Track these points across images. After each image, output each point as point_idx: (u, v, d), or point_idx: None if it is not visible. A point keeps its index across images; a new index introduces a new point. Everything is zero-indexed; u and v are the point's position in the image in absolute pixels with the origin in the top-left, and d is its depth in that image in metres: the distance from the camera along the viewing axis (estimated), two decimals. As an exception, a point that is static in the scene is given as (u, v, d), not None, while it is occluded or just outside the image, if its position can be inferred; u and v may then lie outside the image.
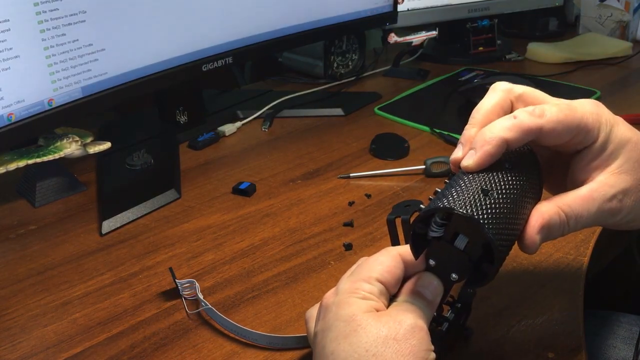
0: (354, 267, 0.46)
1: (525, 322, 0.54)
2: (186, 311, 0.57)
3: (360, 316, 0.39)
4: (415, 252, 0.42)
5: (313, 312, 0.46)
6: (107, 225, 0.71)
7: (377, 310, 0.41)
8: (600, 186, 0.43)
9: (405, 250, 0.43)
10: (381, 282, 0.42)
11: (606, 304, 0.79)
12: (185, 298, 0.58)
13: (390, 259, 0.43)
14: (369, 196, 0.76)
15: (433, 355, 0.39)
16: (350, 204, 0.74)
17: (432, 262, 0.43)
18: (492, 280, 0.41)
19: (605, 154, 0.44)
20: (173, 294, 0.59)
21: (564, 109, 0.43)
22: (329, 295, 0.43)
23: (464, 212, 0.39)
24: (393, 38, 1.18)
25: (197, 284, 0.57)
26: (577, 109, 0.43)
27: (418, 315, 0.40)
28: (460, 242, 0.40)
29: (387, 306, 0.42)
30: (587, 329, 0.54)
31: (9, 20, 0.64)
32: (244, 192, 0.77)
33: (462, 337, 0.52)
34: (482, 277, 0.41)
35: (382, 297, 0.42)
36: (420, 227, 0.42)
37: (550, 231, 0.42)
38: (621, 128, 0.44)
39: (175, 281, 0.57)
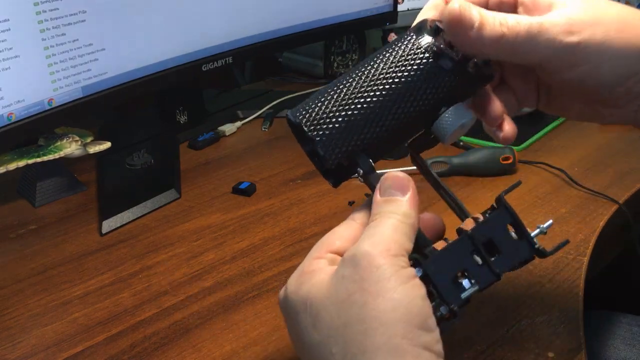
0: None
1: (525, 322, 0.54)
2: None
3: (312, 297, 0.34)
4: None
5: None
6: (107, 225, 0.71)
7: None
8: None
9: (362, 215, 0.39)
10: (333, 251, 0.37)
11: (606, 304, 0.79)
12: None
13: (342, 225, 0.38)
14: (369, 196, 0.76)
15: (402, 273, 0.33)
16: (350, 203, 0.74)
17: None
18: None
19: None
20: (173, 293, 0.59)
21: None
22: (281, 294, 0.38)
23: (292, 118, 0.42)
24: (393, 38, 1.18)
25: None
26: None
27: (369, 235, 0.34)
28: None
29: None
30: (586, 329, 0.54)
31: (9, 20, 0.64)
32: (244, 192, 0.77)
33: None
34: None
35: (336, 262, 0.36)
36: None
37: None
38: None
39: None
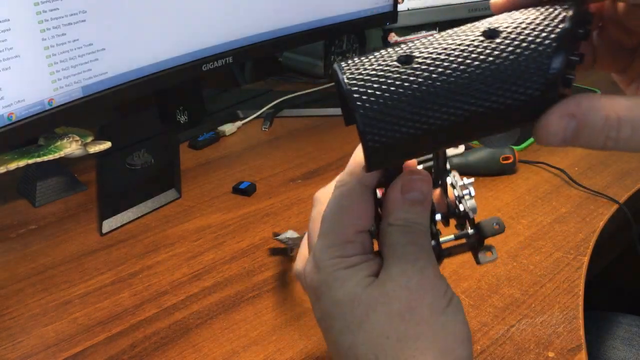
0: (314, 212, 0.39)
1: (525, 322, 0.54)
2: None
3: (363, 295, 0.34)
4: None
5: (298, 266, 0.40)
6: (108, 224, 0.71)
7: (374, 274, 0.35)
8: None
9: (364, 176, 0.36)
10: (360, 231, 0.36)
11: (606, 305, 0.79)
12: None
13: (355, 198, 0.36)
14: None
15: (450, 292, 0.35)
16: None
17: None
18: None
19: None
20: (173, 293, 0.59)
21: None
22: (310, 271, 0.37)
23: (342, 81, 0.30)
24: (393, 38, 1.18)
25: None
26: None
27: (416, 250, 0.34)
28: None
29: (374, 246, 0.37)
30: (585, 330, 0.54)
31: (9, 20, 0.64)
32: (244, 191, 0.77)
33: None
34: None
35: (367, 245, 0.36)
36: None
37: (583, 126, 0.29)
38: None
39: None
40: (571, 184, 0.76)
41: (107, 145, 0.79)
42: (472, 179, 0.39)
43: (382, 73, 0.30)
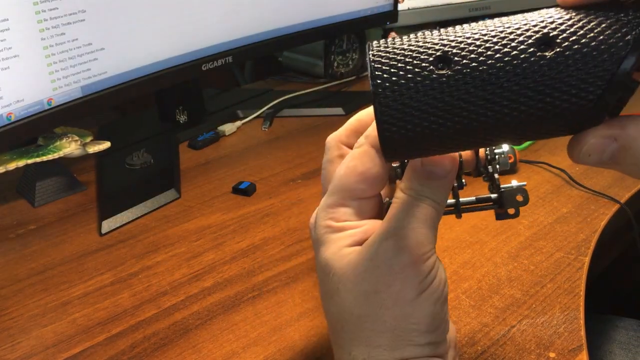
0: (324, 160, 0.40)
1: (526, 322, 0.54)
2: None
3: (336, 268, 0.34)
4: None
5: (312, 216, 0.40)
6: (107, 225, 0.70)
7: (361, 243, 0.35)
8: None
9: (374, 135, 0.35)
10: (359, 198, 0.35)
11: (605, 307, 0.79)
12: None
13: (362, 162, 0.35)
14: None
15: (427, 281, 0.33)
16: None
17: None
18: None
19: None
20: (173, 293, 0.59)
21: None
22: (312, 225, 0.38)
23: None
24: (394, 37, 1.17)
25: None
26: None
27: (412, 226, 0.33)
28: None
29: (380, 213, 0.36)
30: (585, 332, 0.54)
31: (8, 20, 0.64)
32: (244, 191, 0.77)
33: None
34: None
35: (366, 212, 0.36)
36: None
37: (624, 151, 0.28)
38: None
39: None
40: (572, 184, 0.76)
41: (106, 145, 0.79)
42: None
43: (416, 71, 0.29)
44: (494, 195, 0.37)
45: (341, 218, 0.36)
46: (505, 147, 0.37)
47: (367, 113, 0.39)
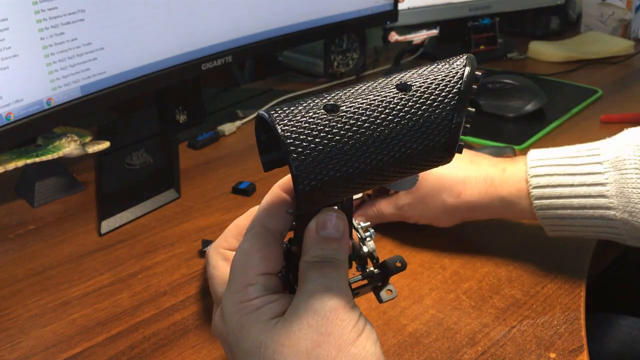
0: (208, 271, 0.43)
1: (526, 322, 0.54)
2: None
3: (268, 341, 0.34)
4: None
5: (214, 321, 0.41)
6: (106, 225, 0.70)
7: (281, 314, 0.35)
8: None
9: (266, 213, 0.39)
10: (262, 274, 0.37)
11: (606, 306, 0.79)
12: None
13: (257, 242, 0.37)
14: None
15: (361, 322, 0.35)
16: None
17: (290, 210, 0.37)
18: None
19: None
20: (173, 294, 0.59)
21: None
22: (219, 322, 0.38)
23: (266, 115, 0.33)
24: (394, 37, 1.17)
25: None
26: None
27: (328, 283, 0.35)
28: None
29: (286, 283, 0.38)
30: (586, 331, 0.53)
31: (7, 19, 0.64)
32: (244, 191, 0.77)
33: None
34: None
35: (272, 286, 0.37)
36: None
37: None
38: None
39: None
40: (572, 183, 0.76)
41: (105, 145, 0.79)
42: (369, 223, 0.43)
43: (312, 120, 0.33)
44: (377, 271, 0.41)
45: (252, 296, 0.36)
46: (372, 232, 0.43)
47: (244, 217, 0.45)
